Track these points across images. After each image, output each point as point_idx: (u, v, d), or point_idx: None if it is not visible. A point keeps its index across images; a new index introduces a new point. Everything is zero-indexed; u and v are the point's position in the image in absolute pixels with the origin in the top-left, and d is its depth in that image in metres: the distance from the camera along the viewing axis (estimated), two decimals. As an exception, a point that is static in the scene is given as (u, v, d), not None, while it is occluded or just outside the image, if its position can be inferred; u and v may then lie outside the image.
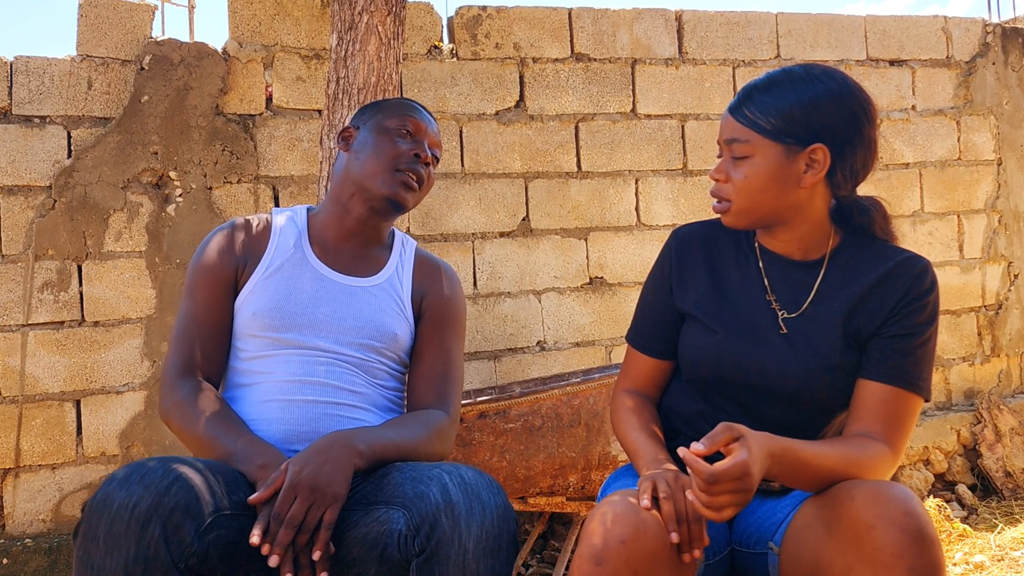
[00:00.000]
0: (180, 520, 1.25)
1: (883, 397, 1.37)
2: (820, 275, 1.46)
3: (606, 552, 1.18)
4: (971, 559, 2.88)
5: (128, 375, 3.05)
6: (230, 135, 3.17)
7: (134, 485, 1.25)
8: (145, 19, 3.14)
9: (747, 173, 1.41)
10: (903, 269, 1.42)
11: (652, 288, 1.59)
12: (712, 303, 1.50)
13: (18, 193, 2.98)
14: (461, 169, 3.45)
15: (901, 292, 1.40)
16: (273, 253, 1.67)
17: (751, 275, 1.50)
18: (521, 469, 2.53)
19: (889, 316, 1.40)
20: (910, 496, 1.18)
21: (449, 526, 1.28)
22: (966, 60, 4.18)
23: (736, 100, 1.46)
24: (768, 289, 1.48)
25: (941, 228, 4.11)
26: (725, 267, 1.53)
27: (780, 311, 1.45)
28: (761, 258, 1.51)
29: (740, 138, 1.41)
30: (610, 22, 3.67)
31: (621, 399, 1.57)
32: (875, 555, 1.14)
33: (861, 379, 1.40)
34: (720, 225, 1.56)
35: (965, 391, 4.11)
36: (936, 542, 1.14)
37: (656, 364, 1.58)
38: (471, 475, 1.37)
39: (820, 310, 1.43)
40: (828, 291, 1.44)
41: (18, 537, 2.89)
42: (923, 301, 1.40)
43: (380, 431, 1.53)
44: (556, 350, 3.52)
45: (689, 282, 1.53)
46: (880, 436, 1.35)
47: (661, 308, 1.57)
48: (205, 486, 1.32)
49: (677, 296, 1.54)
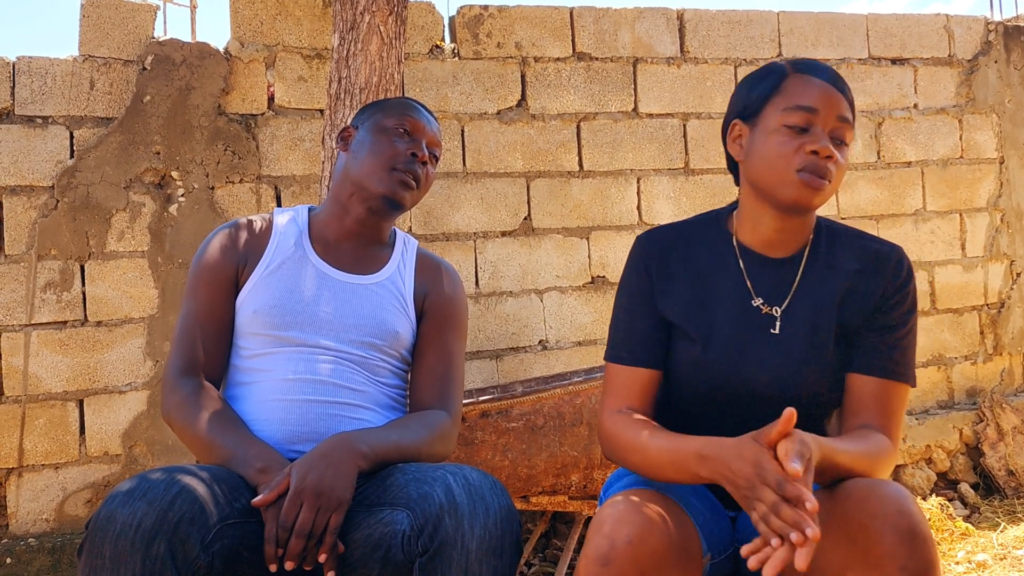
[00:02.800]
0: (185, 534, 1.25)
1: (878, 391, 1.37)
2: (800, 270, 1.44)
3: (612, 553, 1.17)
4: (974, 558, 2.88)
5: (131, 375, 3.05)
6: (232, 135, 3.18)
7: (137, 501, 1.24)
8: (147, 19, 3.15)
9: (845, 158, 1.37)
10: (881, 261, 1.42)
11: (630, 299, 1.48)
12: (696, 311, 1.44)
13: (21, 193, 2.98)
14: (463, 168, 3.45)
15: (883, 285, 1.40)
16: (274, 251, 1.67)
17: (732, 276, 1.45)
18: (523, 468, 2.53)
19: (874, 310, 1.40)
20: (903, 494, 1.17)
21: (452, 527, 1.28)
22: (968, 58, 4.17)
23: (833, 75, 1.38)
24: (752, 291, 1.44)
25: (943, 226, 4.11)
26: (704, 270, 1.46)
27: (769, 310, 1.42)
28: (741, 257, 1.46)
29: (849, 119, 1.37)
30: (612, 21, 3.67)
31: (616, 419, 1.41)
32: (868, 554, 1.13)
33: (853, 374, 1.40)
34: (688, 226, 1.51)
35: (967, 390, 4.10)
36: (929, 540, 1.13)
37: (648, 376, 1.45)
38: (475, 476, 1.37)
39: (805, 306, 1.41)
40: (810, 287, 1.42)
41: (22, 536, 2.90)
42: (904, 292, 1.40)
43: (382, 433, 1.53)
44: (558, 349, 3.52)
45: (670, 290, 1.46)
46: (880, 429, 1.35)
47: (645, 316, 1.46)
48: (209, 496, 1.32)
49: (661, 304, 1.45)
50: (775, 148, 1.36)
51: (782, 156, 1.35)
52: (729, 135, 1.46)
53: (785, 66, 1.41)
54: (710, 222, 1.52)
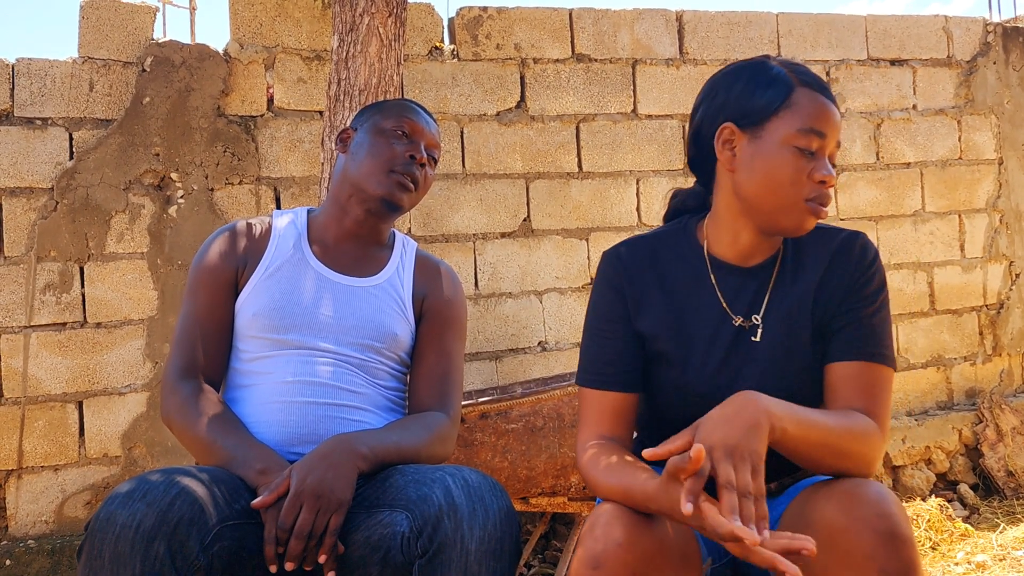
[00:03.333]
0: (184, 535, 1.25)
1: (852, 373, 1.32)
2: (773, 276, 1.39)
3: (604, 555, 1.16)
4: (973, 559, 2.88)
5: (130, 376, 3.05)
6: (231, 136, 3.18)
7: (136, 503, 1.25)
8: (146, 21, 3.15)
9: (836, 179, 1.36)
10: (845, 249, 1.38)
11: (601, 319, 1.42)
12: (671, 331, 1.39)
13: (20, 195, 2.98)
14: (462, 170, 3.45)
15: (849, 273, 1.37)
16: (273, 254, 1.67)
17: (706, 291, 1.40)
18: (523, 469, 2.53)
19: (844, 297, 1.36)
20: (884, 496, 1.15)
21: (452, 528, 1.28)
22: (967, 59, 4.18)
23: (831, 94, 1.35)
24: (724, 304, 1.39)
25: (942, 227, 4.11)
26: (677, 285, 1.41)
27: (744, 323, 1.38)
28: (713, 272, 1.41)
29: (840, 143, 1.34)
30: (611, 22, 3.67)
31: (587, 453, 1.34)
32: (848, 557, 1.12)
33: (830, 363, 1.35)
34: (656, 237, 1.46)
35: (967, 390, 4.11)
36: (909, 541, 1.12)
37: (621, 400, 1.38)
38: (474, 478, 1.37)
39: (780, 312, 1.38)
40: (783, 290, 1.39)
41: (21, 538, 2.89)
42: (868, 273, 1.37)
43: (382, 434, 1.53)
44: (557, 350, 3.52)
45: (645, 307, 1.40)
46: (862, 410, 1.29)
47: (619, 337, 1.40)
48: (208, 497, 1.32)
49: (637, 322, 1.40)
50: (786, 171, 1.30)
51: (794, 182, 1.30)
52: (717, 138, 1.37)
53: (790, 77, 1.34)
54: (679, 233, 1.46)
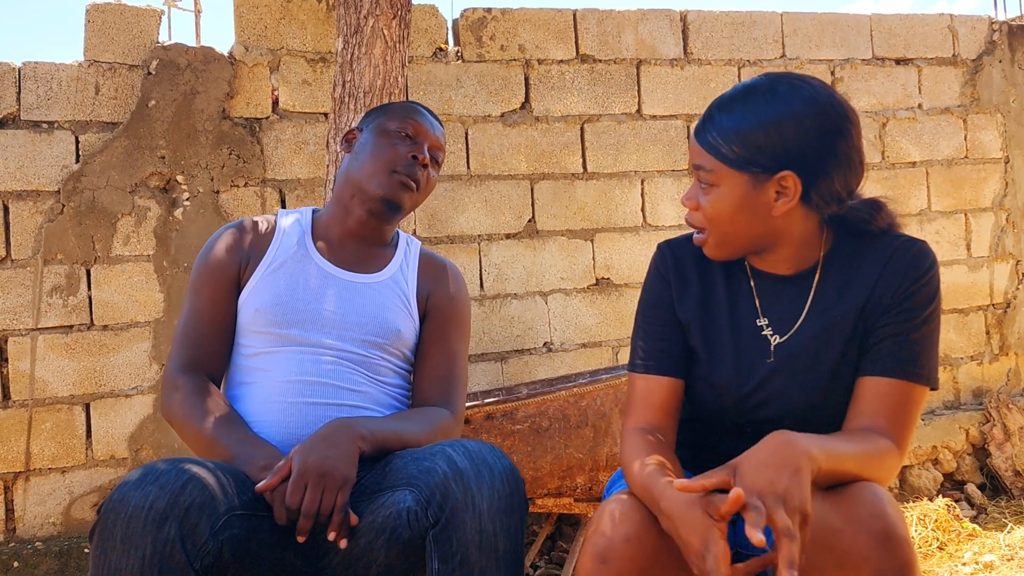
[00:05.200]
0: (196, 519, 1.27)
1: (883, 391, 1.28)
2: (813, 286, 1.36)
3: (611, 550, 1.17)
4: (981, 558, 2.87)
5: (137, 378, 3.06)
6: (237, 139, 3.19)
7: (149, 485, 1.26)
8: (151, 24, 3.16)
9: (713, 203, 1.31)
10: (899, 255, 1.32)
11: (652, 306, 1.45)
12: (704, 328, 1.41)
13: (27, 198, 3.00)
14: (467, 171, 3.45)
15: (899, 279, 1.31)
16: (277, 250, 1.68)
17: (742, 296, 1.41)
18: (528, 470, 2.53)
19: (886, 311, 1.31)
20: (879, 496, 1.14)
21: (461, 492, 1.30)
22: (972, 58, 4.17)
23: (701, 121, 1.34)
24: (759, 312, 1.38)
25: (948, 226, 4.10)
26: (716, 288, 1.43)
27: (772, 336, 1.37)
28: (753, 277, 1.41)
29: (705, 166, 1.31)
30: (615, 23, 3.67)
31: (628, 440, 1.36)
32: (844, 559, 1.12)
33: (860, 377, 1.31)
34: None
35: (973, 390, 4.09)
36: (904, 542, 1.11)
37: (666, 384, 1.40)
38: (473, 444, 1.39)
39: (819, 323, 1.34)
40: (824, 301, 1.35)
41: (28, 540, 2.90)
42: (920, 283, 1.30)
43: (382, 420, 1.55)
44: (563, 351, 3.52)
45: (684, 298, 1.43)
46: (884, 431, 1.26)
47: (667, 323, 1.43)
48: (218, 485, 1.34)
49: (679, 311, 1.43)
50: None
51: None
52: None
53: None
54: None
